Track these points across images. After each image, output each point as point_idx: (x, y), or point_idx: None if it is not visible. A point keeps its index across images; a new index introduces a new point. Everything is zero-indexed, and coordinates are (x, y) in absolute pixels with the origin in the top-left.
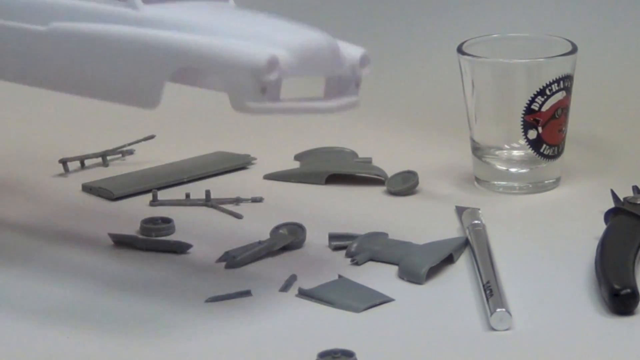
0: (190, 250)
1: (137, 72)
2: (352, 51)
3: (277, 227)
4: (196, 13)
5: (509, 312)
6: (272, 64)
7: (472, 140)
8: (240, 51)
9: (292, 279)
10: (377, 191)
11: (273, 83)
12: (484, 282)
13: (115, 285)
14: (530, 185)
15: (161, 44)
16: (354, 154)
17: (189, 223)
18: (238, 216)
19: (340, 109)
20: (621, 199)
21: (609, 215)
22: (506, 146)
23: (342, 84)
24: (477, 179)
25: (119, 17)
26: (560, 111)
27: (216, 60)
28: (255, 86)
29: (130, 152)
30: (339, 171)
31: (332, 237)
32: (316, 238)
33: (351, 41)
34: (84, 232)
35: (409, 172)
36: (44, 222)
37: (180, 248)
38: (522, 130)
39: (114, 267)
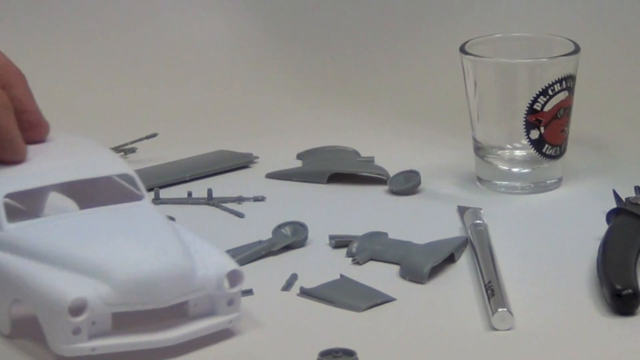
0: None
1: None
2: (217, 269)
3: (279, 226)
4: (54, 232)
5: (510, 312)
6: (78, 306)
7: (475, 140)
8: (48, 292)
9: (294, 278)
10: (379, 190)
11: (87, 323)
12: (486, 282)
13: None
14: (532, 185)
15: (3, 275)
16: (356, 153)
17: (190, 221)
18: (240, 215)
19: (184, 338)
20: (623, 199)
21: (611, 215)
22: (508, 146)
23: (211, 302)
24: (479, 179)
25: None
26: (563, 111)
27: (31, 298)
28: (65, 328)
29: (133, 150)
30: (341, 170)
31: (333, 237)
32: (318, 237)
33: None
34: None
35: (411, 171)
36: None
37: None
38: (525, 130)
39: None
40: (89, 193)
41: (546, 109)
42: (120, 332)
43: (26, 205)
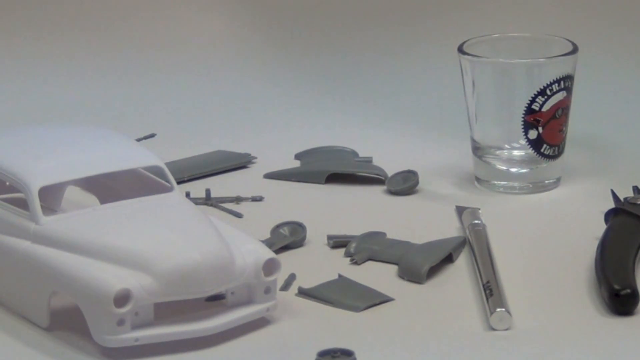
0: None
1: (26, 289)
2: (255, 258)
3: (278, 226)
4: (91, 225)
5: (508, 312)
6: (123, 297)
7: (473, 140)
8: (92, 283)
9: (292, 277)
10: (377, 190)
11: (131, 313)
12: (484, 282)
13: None
14: (531, 185)
15: (42, 267)
16: (354, 153)
17: None
18: (238, 215)
19: (224, 327)
20: (621, 199)
21: (609, 215)
22: (506, 146)
23: (248, 291)
24: (477, 179)
25: (21, 229)
26: (561, 111)
27: (74, 290)
28: (110, 319)
29: None
30: (339, 170)
31: (331, 237)
32: (316, 237)
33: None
34: None
35: (409, 171)
36: None
37: None
38: (523, 130)
39: None
40: (110, 186)
41: (544, 109)
42: (162, 322)
43: (44, 199)
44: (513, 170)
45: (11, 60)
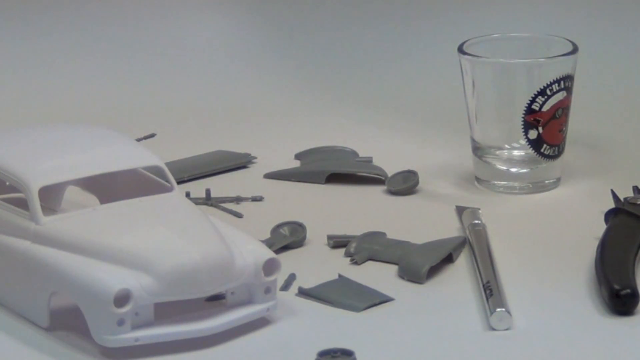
0: None
1: (26, 289)
2: (254, 258)
3: (278, 226)
4: (91, 225)
5: (508, 312)
6: (123, 297)
7: (473, 140)
8: (92, 283)
9: (292, 277)
10: (377, 190)
11: (131, 313)
12: (484, 282)
13: None
14: (531, 185)
15: (42, 267)
16: (354, 153)
17: None
18: (238, 215)
19: (224, 327)
20: (621, 199)
21: (609, 215)
22: (507, 146)
23: (248, 291)
24: (477, 179)
25: (21, 229)
26: (561, 111)
27: (74, 290)
28: (110, 319)
29: None
30: (339, 170)
31: (331, 237)
32: (316, 237)
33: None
34: None
35: (409, 171)
36: None
37: None
38: (523, 130)
39: None
40: (110, 186)
41: (544, 109)
42: (161, 322)
43: (44, 199)
44: (513, 170)
45: (11, 60)
